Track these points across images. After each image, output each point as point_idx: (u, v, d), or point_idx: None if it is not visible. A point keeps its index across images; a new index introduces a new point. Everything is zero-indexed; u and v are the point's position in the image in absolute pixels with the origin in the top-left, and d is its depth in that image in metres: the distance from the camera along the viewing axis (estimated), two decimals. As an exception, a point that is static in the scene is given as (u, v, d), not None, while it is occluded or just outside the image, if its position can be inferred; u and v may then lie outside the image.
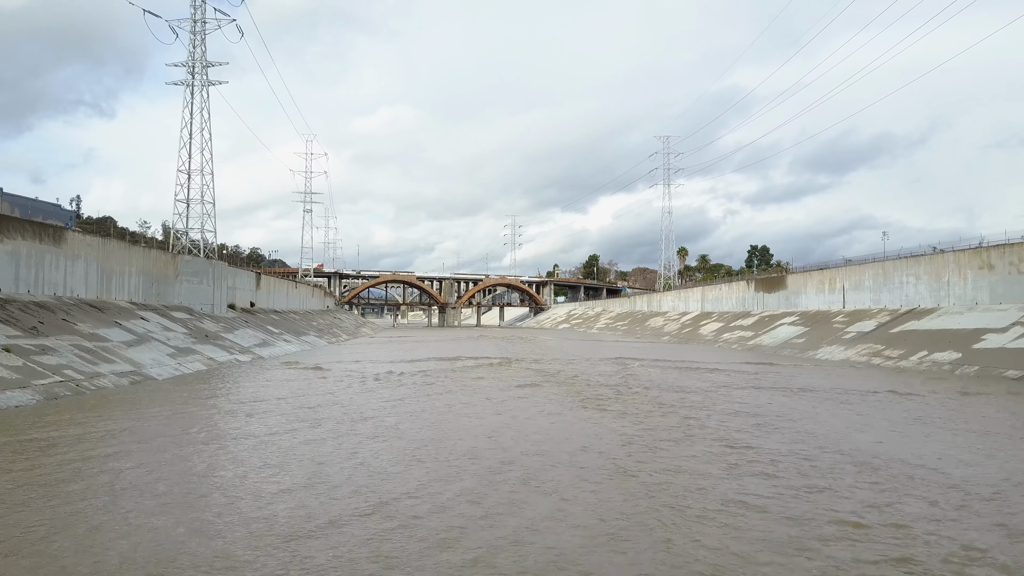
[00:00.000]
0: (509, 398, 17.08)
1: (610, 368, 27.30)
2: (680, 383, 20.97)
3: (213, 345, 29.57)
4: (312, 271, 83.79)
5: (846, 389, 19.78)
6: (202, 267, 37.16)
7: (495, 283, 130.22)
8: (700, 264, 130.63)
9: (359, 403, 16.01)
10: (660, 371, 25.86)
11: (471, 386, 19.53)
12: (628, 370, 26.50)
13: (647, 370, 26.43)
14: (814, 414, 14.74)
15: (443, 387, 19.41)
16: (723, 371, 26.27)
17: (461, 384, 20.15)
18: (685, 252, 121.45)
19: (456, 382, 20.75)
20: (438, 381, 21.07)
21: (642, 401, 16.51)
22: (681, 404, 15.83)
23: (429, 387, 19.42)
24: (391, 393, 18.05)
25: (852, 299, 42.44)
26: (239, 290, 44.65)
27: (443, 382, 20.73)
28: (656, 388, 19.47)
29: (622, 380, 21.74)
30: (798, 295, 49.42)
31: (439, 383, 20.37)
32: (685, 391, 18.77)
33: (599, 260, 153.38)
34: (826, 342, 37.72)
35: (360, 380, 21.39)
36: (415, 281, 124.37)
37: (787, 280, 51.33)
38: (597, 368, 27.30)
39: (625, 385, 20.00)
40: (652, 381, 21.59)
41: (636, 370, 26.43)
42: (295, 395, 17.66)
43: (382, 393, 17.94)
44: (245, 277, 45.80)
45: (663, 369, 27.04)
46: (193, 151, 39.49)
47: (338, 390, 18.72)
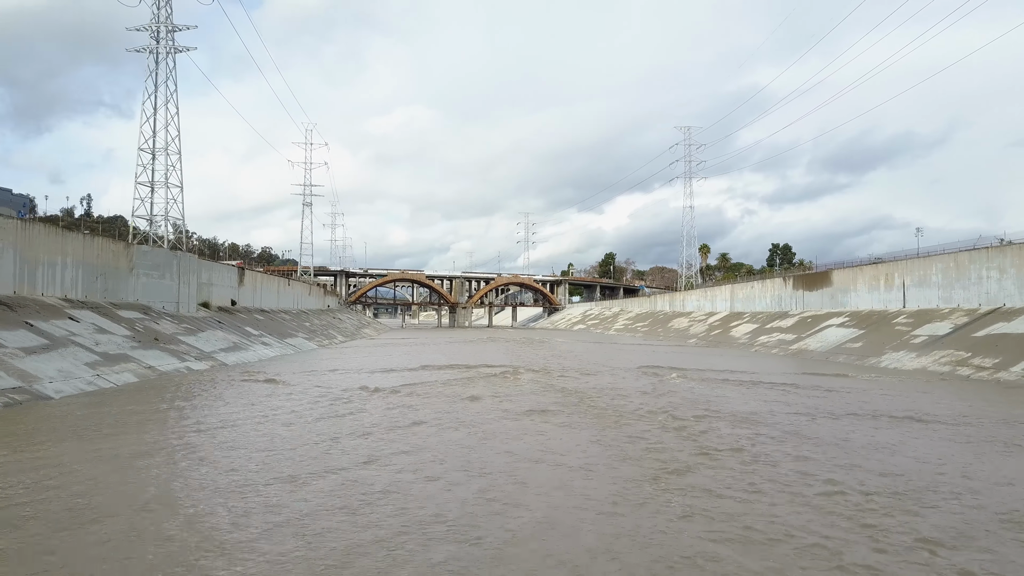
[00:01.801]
0: (508, 439, 11.86)
1: (641, 382, 21.99)
2: (743, 407, 15.63)
3: (161, 350, 24.70)
4: (312, 268, 79.08)
5: (976, 417, 14.33)
6: (164, 259, 32.37)
7: (508, 282, 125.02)
8: (720, 263, 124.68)
9: (272, 449, 10.88)
10: (707, 386, 20.49)
11: (458, 415, 14.34)
12: (665, 384, 21.18)
13: (689, 384, 21.07)
14: (1006, 474, 9.36)
15: (419, 415, 14.24)
16: (783, 386, 20.85)
17: (446, 410, 14.96)
18: (707, 249, 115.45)
19: (441, 407, 15.58)
20: (418, 404, 15.92)
21: (710, 446, 11.21)
22: (777, 457, 10.48)
23: (400, 415, 14.26)
24: (338, 428, 12.90)
25: (915, 297, 36.65)
26: (216, 286, 39.90)
27: (424, 406, 15.56)
28: (714, 416, 14.15)
29: (665, 402, 16.43)
30: (845, 293, 43.66)
31: (417, 408, 15.20)
32: (757, 422, 13.44)
33: (615, 259, 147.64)
34: (890, 347, 32.05)
35: (313, 401, 16.30)
36: (425, 280, 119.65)
37: (832, 276, 45.55)
38: (625, 381, 22.00)
39: (672, 413, 14.68)
40: (705, 404, 16.25)
41: (676, 384, 21.09)
42: (195, 428, 12.61)
43: (323, 428, 12.77)
44: (223, 272, 41.04)
45: (708, 383, 21.68)
46: (157, 127, 34.75)
47: (267, 419, 13.65)
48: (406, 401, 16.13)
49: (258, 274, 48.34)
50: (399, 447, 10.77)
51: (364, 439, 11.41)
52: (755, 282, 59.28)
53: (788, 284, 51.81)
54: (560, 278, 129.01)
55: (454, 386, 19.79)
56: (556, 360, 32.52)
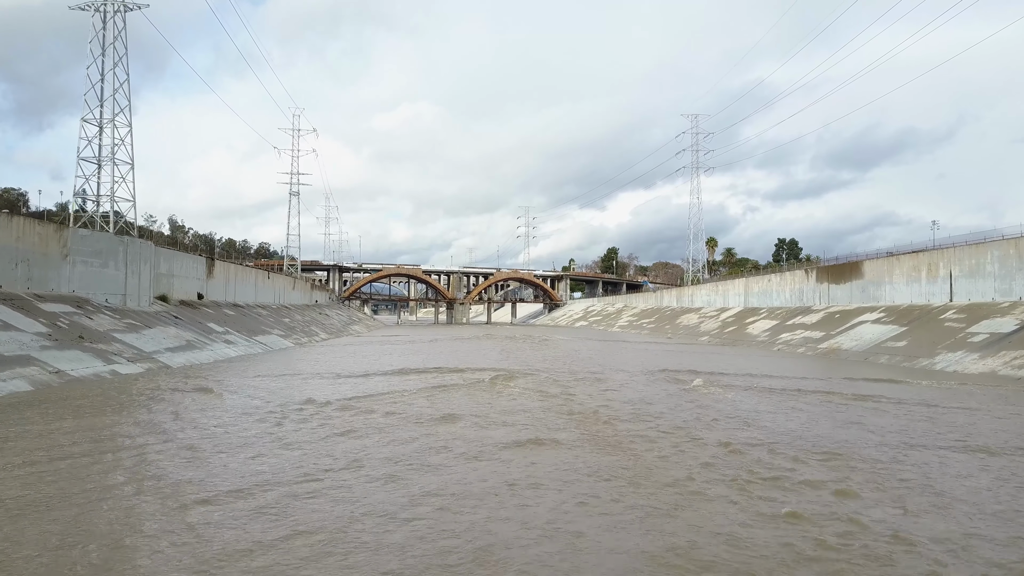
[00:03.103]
0: (479, 507, 7.67)
1: (661, 390, 17.79)
2: (817, 436, 11.43)
3: (83, 351, 20.54)
4: (299, 262, 74.90)
5: None
6: (108, 245, 28.17)
7: (507, 277, 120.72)
8: (726, 258, 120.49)
9: (72, 528, 6.71)
10: (746, 398, 16.28)
11: (415, 449, 10.11)
12: (690, 394, 16.98)
13: (722, 394, 16.86)
14: None
15: (359, 451, 10.04)
16: (842, 397, 16.63)
17: (401, 440, 10.76)
18: (715, 243, 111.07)
19: (396, 434, 11.37)
20: (366, 430, 11.73)
21: (803, 514, 7.02)
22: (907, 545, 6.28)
23: (331, 451, 10.05)
24: (220, 480, 8.71)
25: (965, 289, 32.38)
26: (179, 278, 35.75)
27: (372, 434, 11.36)
28: (773, 450, 9.95)
29: (701, 427, 12.21)
30: (879, 286, 39.39)
31: (362, 437, 11.00)
32: (841, 455, 9.24)
33: (618, 254, 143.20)
34: (943, 347, 27.80)
35: (230, 422, 12.11)
36: (421, 275, 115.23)
37: (863, 267, 41.26)
38: (641, 390, 17.79)
39: (725, 446, 10.48)
40: (758, 428, 12.04)
41: (705, 396, 16.88)
42: (22, 464, 8.46)
43: (192, 480, 8.60)
44: (188, 263, 36.85)
45: (744, 392, 17.47)
46: (105, 96, 30.49)
47: (138, 456, 9.49)
48: (353, 424, 11.92)
49: (232, 266, 44.16)
50: (280, 531, 6.58)
51: (239, 511, 7.23)
52: (772, 275, 54.99)
53: (811, 277, 47.52)
54: (561, 273, 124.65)
55: (428, 399, 15.58)
56: (557, 362, 28.33)
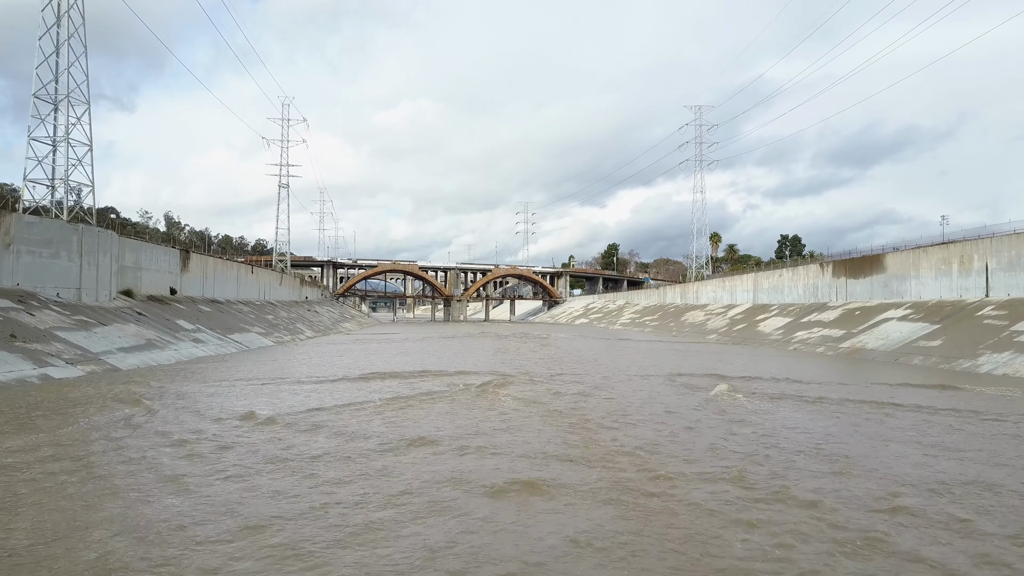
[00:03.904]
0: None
1: (681, 401, 15.03)
2: (917, 479, 8.70)
3: (9, 351, 17.77)
4: (289, 256, 72.00)
5: None
6: (60, 234, 25.35)
7: (505, 274, 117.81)
8: (728, 255, 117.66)
9: None
10: (787, 411, 13.50)
11: (371, 489, 7.34)
12: (716, 405, 14.22)
13: (753, 404, 14.10)
14: None
15: (295, 485, 7.29)
16: (899, 408, 13.89)
17: (345, 481, 7.96)
18: (718, 238, 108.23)
19: (358, 462, 8.61)
20: (317, 455, 8.96)
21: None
22: None
23: (238, 499, 7.31)
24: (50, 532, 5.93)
25: (1003, 284, 29.63)
26: (148, 271, 32.95)
27: (327, 460, 8.60)
28: (902, 519, 7.22)
29: (761, 465, 9.47)
30: (903, 280, 36.65)
31: (309, 468, 8.23)
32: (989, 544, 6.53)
33: (619, 250, 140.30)
34: (986, 347, 25.07)
35: (142, 443, 9.35)
36: (417, 272, 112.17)
37: (885, 261, 38.49)
38: (658, 401, 15.04)
39: (797, 502, 7.74)
40: (853, 477, 9.30)
41: (732, 407, 14.13)
42: None
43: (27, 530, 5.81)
44: (158, 255, 34.02)
45: (778, 401, 14.72)
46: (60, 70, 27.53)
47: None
48: (284, 454, 9.12)
49: (210, 259, 41.29)
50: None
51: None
52: (784, 270, 52.21)
53: (827, 271, 44.75)
54: (561, 270, 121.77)
55: (399, 413, 12.80)
56: (557, 364, 25.57)
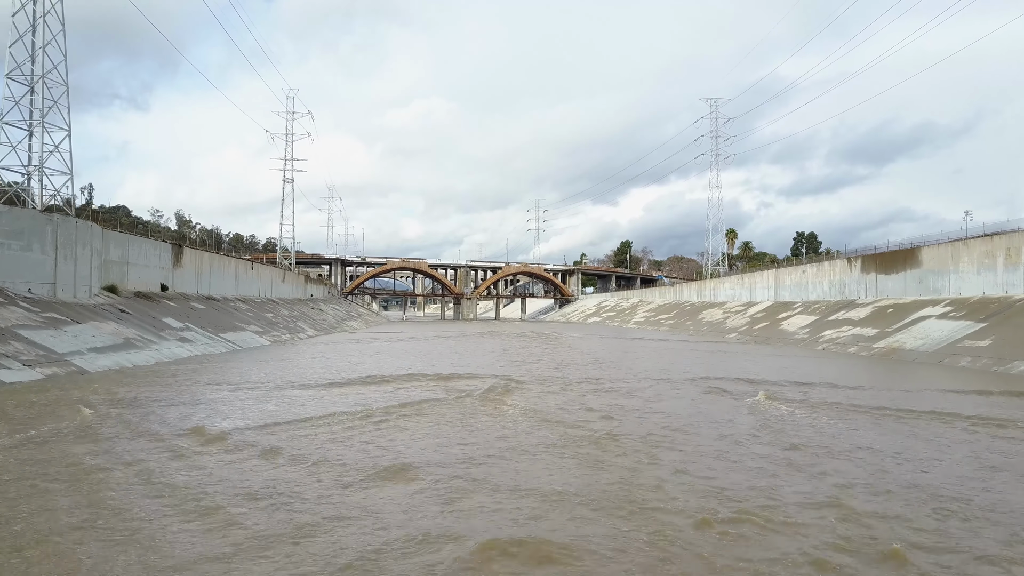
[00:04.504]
0: None
1: (717, 411, 12.89)
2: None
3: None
4: (293, 253, 70.35)
5: None
6: (31, 224, 23.60)
7: (516, 272, 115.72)
8: (743, 252, 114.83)
9: None
10: (853, 426, 11.31)
11: (303, 559, 5.30)
12: (759, 417, 12.07)
13: (804, 415, 11.94)
14: None
15: (183, 553, 5.24)
16: (967, 422, 11.67)
17: (282, 533, 5.94)
18: (735, 235, 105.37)
19: (303, 507, 6.62)
20: (256, 493, 6.95)
21: None
22: None
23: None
24: None
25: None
26: (135, 266, 31.24)
27: (261, 502, 6.58)
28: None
29: (865, 507, 7.31)
30: (940, 275, 34.16)
31: (204, 542, 6.21)
32: None
33: (631, 247, 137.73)
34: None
35: (50, 464, 7.38)
36: (427, 269, 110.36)
37: (920, 255, 35.98)
38: (690, 412, 12.91)
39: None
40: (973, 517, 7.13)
41: (781, 419, 11.96)
42: None
43: None
44: (147, 249, 32.29)
45: (831, 412, 12.54)
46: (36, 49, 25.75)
47: None
48: (222, 486, 7.14)
49: (205, 254, 39.56)
50: None
51: None
52: (807, 266, 49.70)
53: (855, 267, 42.26)
54: (573, 267, 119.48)
55: (382, 429, 10.78)
56: (570, 366, 23.47)
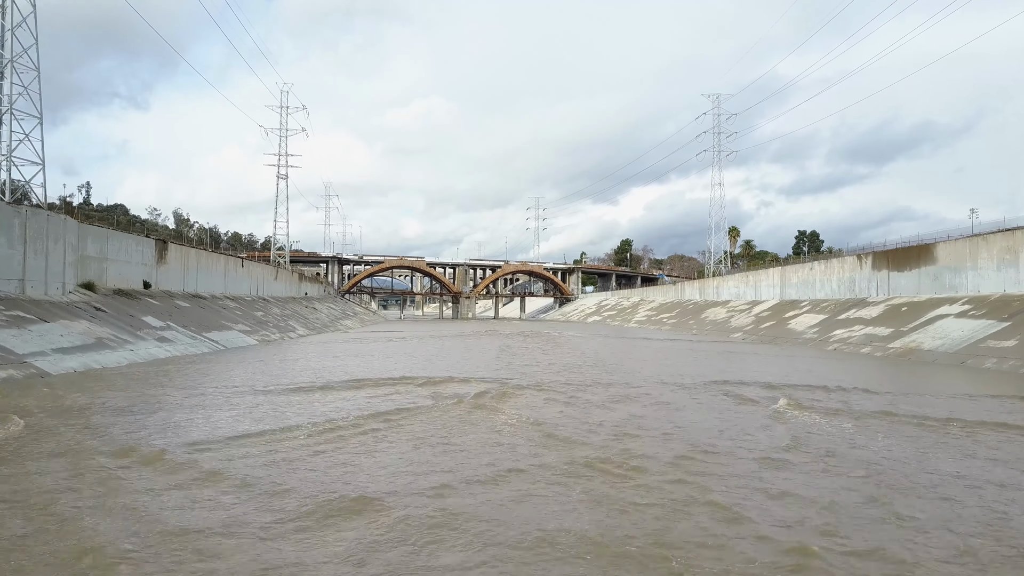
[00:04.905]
0: None
1: (737, 422, 11.46)
2: None
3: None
4: (288, 251, 68.94)
5: None
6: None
7: (515, 270, 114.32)
8: (744, 251, 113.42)
9: None
10: (901, 443, 9.88)
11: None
12: (785, 427, 10.64)
13: (835, 427, 10.51)
14: None
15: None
16: (1020, 432, 10.24)
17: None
18: (737, 232, 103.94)
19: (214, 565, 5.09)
20: (152, 549, 5.49)
21: None
22: None
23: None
24: None
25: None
26: (116, 263, 29.82)
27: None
28: None
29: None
30: (957, 272, 32.74)
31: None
32: None
33: (632, 246, 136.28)
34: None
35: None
36: (424, 268, 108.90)
37: (936, 251, 34.55)
38: (706, 423, 11.47)
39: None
40: None
41: (811, 432, 10.52)
42: None
43: None
44: (129, 245, 30.85)
45: (867, 422, 11.11)
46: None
47: None
48: (123, 527, 5.72)
49: (192, 250, 38.12)
50: None
51: None
52: (815, 263, 48.29)
53: (865, 264, 40.83)
54: (572, 266, 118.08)
55: (351, 445, 9.35)
56: (573, 369, 22.02)
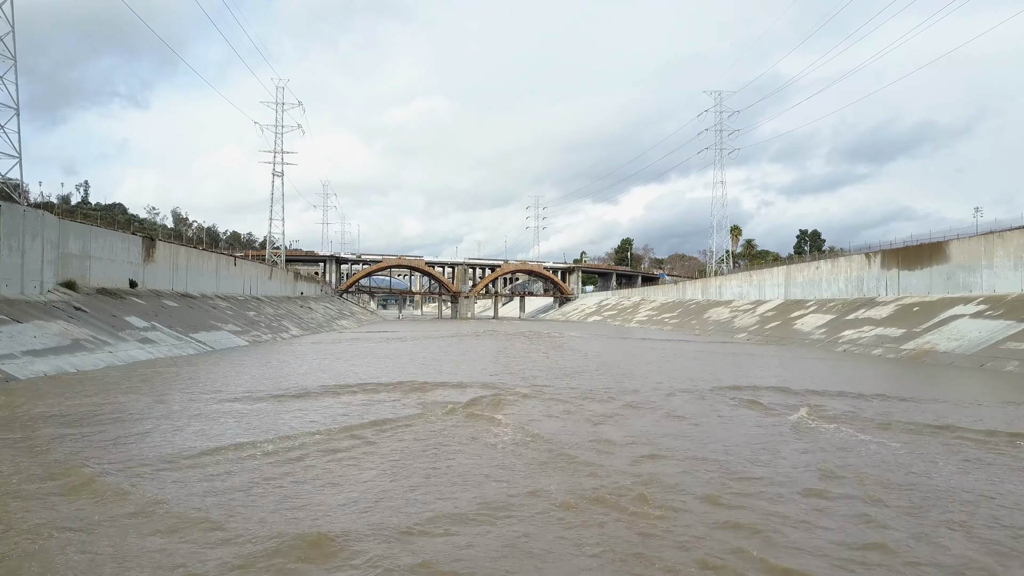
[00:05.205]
0: None
1: (757, 436, 10.34)
2: None
3: None
4: (283, 249, 67.81)
5: None
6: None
7: (515, 269, 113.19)
8: (746, 250, 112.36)
9: None
10: (964, 468, 8.79)
11: None
12: (811, 443, 9.54)
13: (867, 443, 9.40)
14: None
15: None
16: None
17: None
18: (739, 231, 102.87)
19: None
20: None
21: None
22: None
23: None
24: None
25: (1109, 274, 24.67)
26: (100, 260, 28.71)
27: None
28: None
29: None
30: (972, 271, 31.64)
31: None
32: None
33: (632, 245, 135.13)
34: (1107, 351, 20.15)
35: None
36: (423, 267, 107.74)
37: (948, 249, 33.45)
38: (721, 436, 10.35)
39: None
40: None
41: (840, 449, 9.41)
42: None
43: None
44: (114, 242, 29.74)
45: (899, 436, 10.02)
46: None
47: None
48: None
49: (181, 248, 37.00)
50: None
51: None
52: (820, 262, 47.18)
53: (874, 262, 39.73)
54: (572, 265, 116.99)
55: (310, 474, 8.24)
56: (575, 374, 20.91)
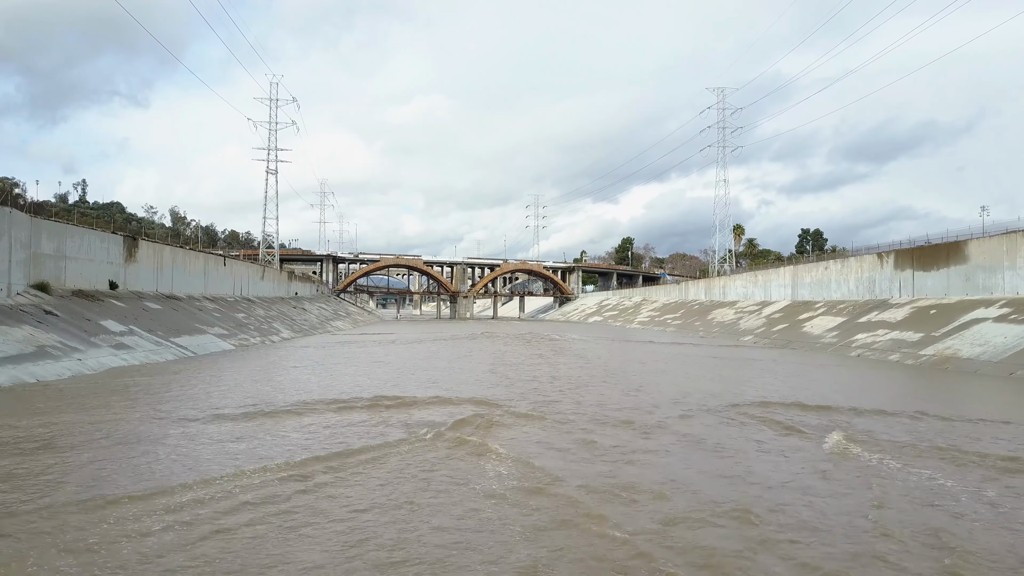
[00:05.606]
0: None
1: (790, 477, 8.89)
2: None
3: None
4: (277, 248, 66.33)
5: None
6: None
7: (515, 269, 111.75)
8: (748, 249, 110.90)
9: None
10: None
11: None
12: (885, 496, 8.08)
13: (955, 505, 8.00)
14: None
15: None
16: None
17: None
18: (742, 230, 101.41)
19: None
20: None
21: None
22: None
23: None
24: None
25: None
26: (76, 260, 27.26)
27: None
28: None
29: None
30: (992, 272, 30.19)
31: None
32: None
33: (633, 244, 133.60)
34: None
35: None
36: (422, 266, 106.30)
37: (967, 248, 31.98)
38: (755, 475, 8.94)
39: None
40: None
41: (923, 522, 7.97)
42: None
43: None
44: (92, 242, 28.25)
45: (968, 476, 8.59)
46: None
47: None
48: None
49: (166, 248, 35.50)
50: None
51: None
52: (829, 262, 45.72)
53: (886, 262, 38.27)
54: (572, 265, 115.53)
55: (245, 530, 6.75)
56: (579, 386, 19.41)
